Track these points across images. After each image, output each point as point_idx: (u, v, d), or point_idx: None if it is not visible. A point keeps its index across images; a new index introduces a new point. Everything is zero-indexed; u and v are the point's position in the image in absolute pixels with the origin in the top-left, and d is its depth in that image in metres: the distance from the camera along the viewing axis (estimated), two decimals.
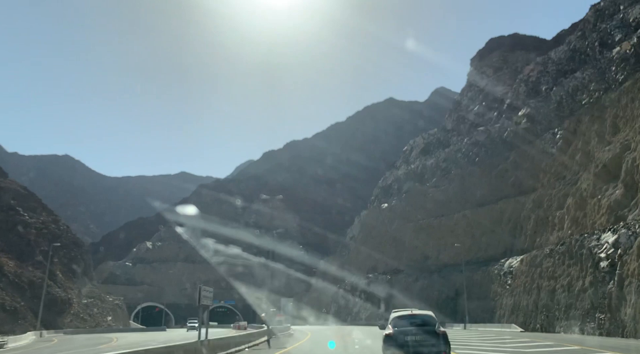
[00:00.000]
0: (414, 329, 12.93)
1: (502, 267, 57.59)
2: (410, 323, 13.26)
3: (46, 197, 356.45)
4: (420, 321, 13.48)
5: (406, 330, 12.87)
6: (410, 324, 13.18)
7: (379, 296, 79.44)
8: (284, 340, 29.22)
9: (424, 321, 13.50)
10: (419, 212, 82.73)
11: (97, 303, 79.86)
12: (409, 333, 12.74)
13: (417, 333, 12.71)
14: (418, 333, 12.73)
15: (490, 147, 79.97)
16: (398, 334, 12.69)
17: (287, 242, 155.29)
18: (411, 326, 13.11)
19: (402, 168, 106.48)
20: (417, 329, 12.92)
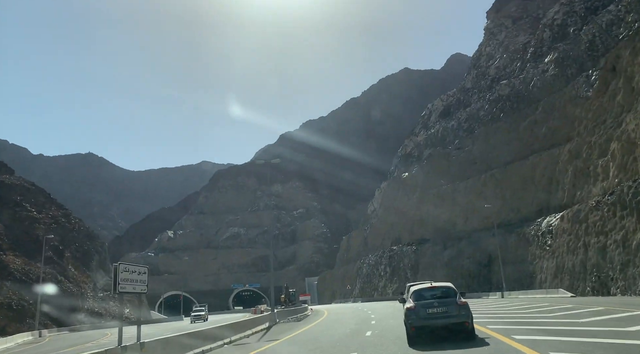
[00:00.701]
0: (435, 301, 12.82)
1: (539, 227, 51.91)
2: (431, 296, 13.18)
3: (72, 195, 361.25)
4: (440, 293, 13.37)
5: (427, 303, 12.80)
6: (431, 297, 13.10)
7: (405, 268, 74.70)
8: (290, 325, 24.78)
9: (444, 292, 13.37)
10: (442, 178, 77.06)
11: (115, 296, 77.14)
12: (431, 305, 12.69)
13: (439, 305, 12.67)
14: (440, 304, 12.69)
15: (515, 101, 73.44)
16: (420, 308, 12.72)
17: (308, 221, 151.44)
18: (432, 299, 12.99)
19: (422, 134, 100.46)
20: (438, 301, 12.85)
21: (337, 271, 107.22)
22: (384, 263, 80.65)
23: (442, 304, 12.64)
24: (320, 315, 37.35)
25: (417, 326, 12.54)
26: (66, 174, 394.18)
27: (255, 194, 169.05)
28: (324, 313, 42.90)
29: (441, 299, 12.92)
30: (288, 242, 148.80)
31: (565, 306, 24.10)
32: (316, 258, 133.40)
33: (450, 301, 12.74)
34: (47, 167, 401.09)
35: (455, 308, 12.52)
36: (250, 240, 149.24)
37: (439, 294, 13.25)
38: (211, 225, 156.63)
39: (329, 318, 30.93)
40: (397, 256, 77.97)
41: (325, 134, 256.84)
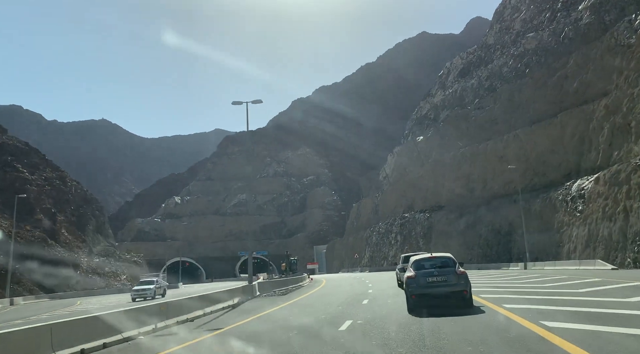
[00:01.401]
0: (435, 270, 13.15)
1: (569, 191, 46.17)
2: (431, 265, 13.51)
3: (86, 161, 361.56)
4: (440, 262, 13.69)
5: (427, 272, 13.13)
6: (430, 266, 13.42)
7: (417, 237, 69.78)
8: (267, 302, 20.03)
9: (443, 262, 13.70)
10: (460, 140, 71.08)
11: (111, 262, 74.02)
12: (431, 274, 13.00)
13: (439, 274, 12.97)
14: (439, 274, 12.99)
15: (543, 55, 66.44)
16: (420, 276, 13.05)
17: (318, 189, 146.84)
18: (432, 268, 13.31)
19: (439, 95, 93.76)
20: (438, 270, 13.16)
21: (346, 240, 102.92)
22: (395, 231, 75.78)
23: (441, 273, 12.95)
24: (314, 287, 32.71)
25: (418, 294, 12.92)
26: (80, 140, 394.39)
27: (265, 161, 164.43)
28: (320, 283, 38.36)
29: (441, 268, 13.22)
30: (297, 210, 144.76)
31: (611, 281, 18.83)
32: (325, 226, 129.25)
33: (449, 271, 13.06)
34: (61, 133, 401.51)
35: (454, 277, 12.82)
36: (259, 207, 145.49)
37: (438, 263, 13.54)
38: (219, 191, 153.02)
39: (319, 292, 26.17)
40: (409, 223, 72.96)
41: (338, 100, 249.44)
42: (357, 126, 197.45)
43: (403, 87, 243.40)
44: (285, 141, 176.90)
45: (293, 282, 34.44)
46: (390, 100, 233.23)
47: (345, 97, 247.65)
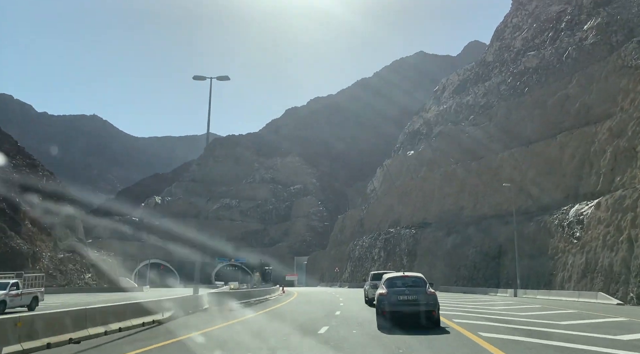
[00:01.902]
0: (406, 289, 13.55)
1: (566, 215, 43.27)
2: (403, 284, 13.94)
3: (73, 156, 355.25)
4: (411, 282, 14.11)
5: (399, 290, 13.56)
6: (402, 285, 13.85)
7: (401, 254, 66.49)
8: (212, 317, 16.45)
9: (414, 282, 14.14)
10: (452, 156, 68.26)
11: (76, 258, 69.53)
12: (402, 293, 13.42)
13: (410, 293, 13.35)
14: (410, 293, 13.36)
15: (544, 74, 64.17)
16: (392, 294, 13.31)
17: (305, 198, 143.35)
18: (403, 287, 13.73)
19: (433, 110, 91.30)
20: (409, 289, 13.53)
21: (328, 252, 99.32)
22: (379, 246, 72.44)
23: (412, 292, 13.36)
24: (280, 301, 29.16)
25: (388, 311, 13.24)
26: (69, 134, 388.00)
27: (252, 166, 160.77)
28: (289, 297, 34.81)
29: (412, 287, 13.65)
30: (282, 219, 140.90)
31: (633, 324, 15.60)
32: (309, 237, 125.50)
33: (420, 290, 13.50)
34: (50, 125, 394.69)
35: (424, 297, 13.27)
36: (242, 213, 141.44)
37: (410, 283, 13.99)
38: (202, 194, 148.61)
39: (281, 309, 22.67)
40: (393, 239, 69.67)
41: (332, 111, 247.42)
42: (349, 138, 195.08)
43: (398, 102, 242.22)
44: (275, 148, 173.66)
45: (259, 294, 30.90)
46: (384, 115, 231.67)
47: (339, 110, 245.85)
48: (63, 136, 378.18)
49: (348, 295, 38.21)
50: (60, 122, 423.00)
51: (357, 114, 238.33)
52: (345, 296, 37.07)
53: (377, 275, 24.30)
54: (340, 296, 37.82)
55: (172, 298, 17.49)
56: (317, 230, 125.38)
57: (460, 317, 16.25)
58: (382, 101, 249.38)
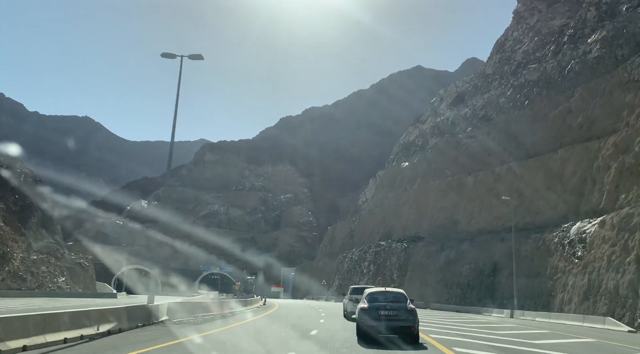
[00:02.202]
0: (387, 304, 13.76)
1: (567, 233, 40.88)
2: (384, 299, 14.09)
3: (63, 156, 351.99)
4: (392, 297, 14.28)
5: (380, 305, 13.73)
6: (383, 300, 14.00)
7: (391, 268, 63.76)
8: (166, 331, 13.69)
9: (395, 297, 14.29)
10: (448, 168, 65.99)
11: (50, 261, 66.08)
12: (383, 307, 13.62)
13: (391, 309, 13.56)
14: (391, 308, 13.58)
15: (545, 87, 62.33)
16: (373, 309, 13.53)
17: (295, 208, 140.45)
18: (384, 302, 13.90)
19: (429, 121, 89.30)
20: (390, 304, 13.74)
21: (316, 264, 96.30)
22: (369, 260, 69.68)
23: (393, 307, 13.50)
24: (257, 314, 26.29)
25: (369, 326, 13.36)
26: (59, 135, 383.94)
27: (243, 174, 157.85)
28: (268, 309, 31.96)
29: (393, 303, 13.76)
30: (271, 228, 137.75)
31: None
32: (297, 248, 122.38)
33: (401, 306, 13.62)
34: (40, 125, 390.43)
35: (404, 313, 13.40)
36: (230, 220, 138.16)
37: (390, 298, 14.06)
38: (190, 200, 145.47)
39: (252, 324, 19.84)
40: (384, 252, 66.95)
41: (326, 122, 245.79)
42: (343, 148, 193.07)
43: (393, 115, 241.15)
44: (267, 156, 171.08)
45: (246, 303, 28.19)
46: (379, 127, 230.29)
47: (334, 120, 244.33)
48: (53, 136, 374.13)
49: (332, 310, 35.35)
50: (51, 122, 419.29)
51: (352, 125, 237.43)
52: (328, 311, 34.27)
53: (356, 289, 24.80)
54: (324, 310, 35.00)
55: (120, 308, 14.67)
56: (306, 241, 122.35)
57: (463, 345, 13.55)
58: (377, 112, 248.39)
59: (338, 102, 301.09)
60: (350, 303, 23.23)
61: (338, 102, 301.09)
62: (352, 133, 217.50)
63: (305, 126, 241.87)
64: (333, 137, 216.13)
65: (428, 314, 37.34)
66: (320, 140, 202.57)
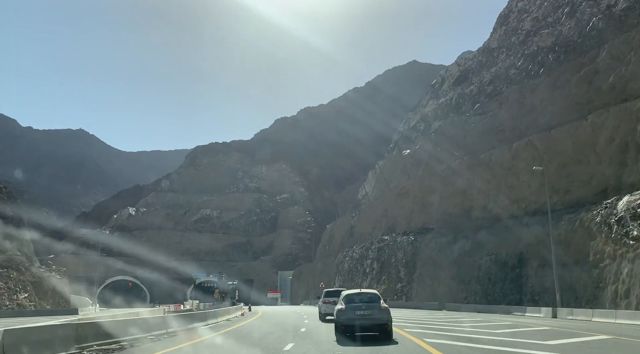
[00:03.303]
0: (362, 305, 14.72)
1: (612, 210, 33.23)
2: (360, 300, 15.01)
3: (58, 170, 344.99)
4: (367, 298, 15.21)
5: (355, 306, 14.69)
6: (359, 301, 14.93)
7: (397, 265, 56.01)
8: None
9: (370, 298, 15.24)
10: (456, 150, 58.39)
11: (11, 275, 58.42)
12: (358, 308, 14.59)
13: (366, 308, 14.55)
14: (366, 308, 14.57)
15: (562, 51, 54.85)
16: (349, 309, 14.52)
17: (292, 208, 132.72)
18: (360, 302, 14.84)
19: (430, 104, 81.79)
20: (365, 305, 14.71)
21: (315, 265, 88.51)
22: (371, 257, 61.91)
23: (368, 307, 14.63)
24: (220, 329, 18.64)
25: (346, 325, 14.50)
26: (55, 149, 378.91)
27: (236, 175, 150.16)
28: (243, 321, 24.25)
29: (368, 303, 14.85)
30: (267, 230, 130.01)
31: None
32: (295, 250, 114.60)
33: (375, 306, 14.70)
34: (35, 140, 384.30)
35: (378, 312, 14.45)
36: (224, 224, 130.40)
37: (366, 299, 15.15)
38: (181, 204, 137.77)
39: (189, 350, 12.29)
40: (388, 248, 59.19)
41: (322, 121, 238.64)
42: (340, 145, 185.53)
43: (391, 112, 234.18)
44: (261, 156, 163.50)
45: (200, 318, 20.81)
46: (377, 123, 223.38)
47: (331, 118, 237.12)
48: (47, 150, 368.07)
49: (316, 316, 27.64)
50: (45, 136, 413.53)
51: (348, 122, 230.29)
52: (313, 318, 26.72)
53: (329, 292, 25.83)
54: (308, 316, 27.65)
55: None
56: (304, 242, 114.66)
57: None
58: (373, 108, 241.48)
59: (333, 101, 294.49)
60: (324, 305, 24.65)
61: (333, 101, 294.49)
62: (349, 130, 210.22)
63: (300, 125, 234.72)
64: (329, 135, 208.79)
65: (445, 317, 29.79)
66: (317, 138, 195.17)
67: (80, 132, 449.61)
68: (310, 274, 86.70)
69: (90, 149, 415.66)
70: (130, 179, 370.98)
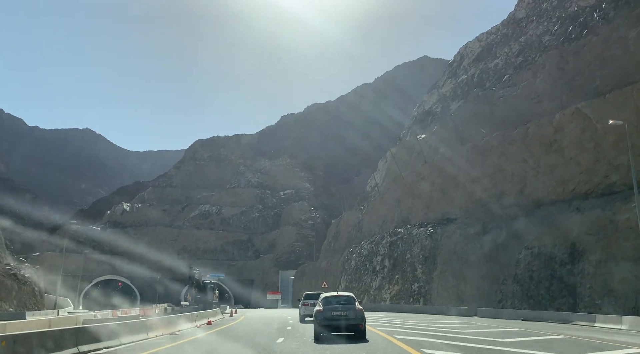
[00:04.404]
0: (339, 306, 16.11)
1: None
2: (336, 302, 16.43)
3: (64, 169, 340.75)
4: (343, 300, 16.56)
5: (332, 307, 16.16)
6: (336, 303, 16.37)
7: (413, 261, 47.47)
8: None
9: (346, 300, 16.61)
10: (483, 126, 49.85)
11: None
12: (335, 309, 16.02)
13: (341, 310, 15.93)
14: (342, 309, 15.95)
15: (612, 7, 46.14)
16: (327, 311, 15.94)
17: (296, 204, 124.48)
18: (336, 304, 16.27)
19: (448, 84, 73.23)
20: (341, 306, 16.10)
21: (319, 264, 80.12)
22: (382, 253, 53.36)
23: (344, 309, 15.99)
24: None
25: (323, 325, 15.85)
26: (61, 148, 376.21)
27: (238, 170, 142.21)
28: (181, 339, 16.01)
29: (344, 305, 16.21)
30: (269, 228, 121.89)
31: None
32: (298, 247, 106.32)
33: (350, 307, 16.11)
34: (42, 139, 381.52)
35: (353, 313, 15.85)
36: (224, 221, 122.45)
37: (342, 301, 16.49)
38: (178, 200, 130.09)
39: None
40: (402, 242, 50.63)
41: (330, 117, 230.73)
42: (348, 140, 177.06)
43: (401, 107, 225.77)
44: (265, 150, 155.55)
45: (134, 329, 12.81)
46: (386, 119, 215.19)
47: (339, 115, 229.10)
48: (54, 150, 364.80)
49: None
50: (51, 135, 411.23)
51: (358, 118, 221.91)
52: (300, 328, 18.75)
53: (308, 295, 27.93)
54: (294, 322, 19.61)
55: None
56: (308, 239, 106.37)
57: None
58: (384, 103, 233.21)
59: (342, 97, 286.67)
60: (303, 307, 26.86)
61: (342, 97, 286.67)
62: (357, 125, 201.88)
63: (307, 120, 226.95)
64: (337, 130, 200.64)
65: (491, 328, 21.43)
66: (324, 133, 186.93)
67: (86, 131, 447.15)
68: (313, 273, 78.36)
69: (96, 148, 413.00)
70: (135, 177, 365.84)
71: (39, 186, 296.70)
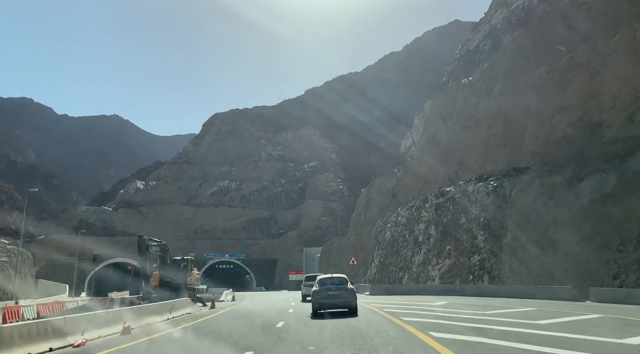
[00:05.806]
0: (332, 286, 17.82)
1: None
2: (331, 283, 18.13)
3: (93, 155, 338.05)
4: (337, 281, 18.28)
5: (327, 287, 17.83)
6: (330, 284, 18.07)
7: (471, 227, 35.38)
8: None
9: (340, 281, 18.33)
10: (561, 44, 36.99)
11: None
12: (329, 289, 17.72)
13: (335, 289, 17.61)
14: (336, 289, 17.64)
15: None
16: (322, 291, 17.67)
17: (321, 176, 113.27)
18: (331, 285, 17.98)
19: (499, 14, 59.83)
20: (335, 286, 17.81)
21: (347, 239, 68.97)
22: (426, 220, 41.48)
23: (337, 289, 17.61)
24: None
25: (320, 303, 17.49)
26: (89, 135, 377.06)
27: (258, 143, 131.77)
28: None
29: (337, 285, 17.88)
30: (294, 203, 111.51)
31: None
32: (325, 223, 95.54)
33: (343, 287, 17.71)
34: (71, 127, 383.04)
35: (345, 292, 17.41)
36: (244, 197, 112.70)
37: (336, 282, 18.16)
38: (195, 177, 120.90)
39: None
40: (453, 204, 38.61)
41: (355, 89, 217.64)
42: (375, 108, 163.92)
43: (432, 73, 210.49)
44: (287, 122, 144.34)
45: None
46: (416, 86, 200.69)
47: (366, 84, 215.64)
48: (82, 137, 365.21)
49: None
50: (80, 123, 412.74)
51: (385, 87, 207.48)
52: None
53: (309, 277, 31.02)
54: None
55: None
56: (335, 213, 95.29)
57: None
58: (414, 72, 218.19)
59: (369, 67, 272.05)
60: (305, 288, 29.58)
61: (369, 67, 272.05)
62: (384, 93, 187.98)
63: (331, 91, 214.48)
64: (363, 100, 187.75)
65: None
66: (350, 101, 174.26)
67: (115, 117, 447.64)
68: (341, 249, 67.23)
69: (125, 134, 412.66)
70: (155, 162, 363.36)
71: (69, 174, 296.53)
